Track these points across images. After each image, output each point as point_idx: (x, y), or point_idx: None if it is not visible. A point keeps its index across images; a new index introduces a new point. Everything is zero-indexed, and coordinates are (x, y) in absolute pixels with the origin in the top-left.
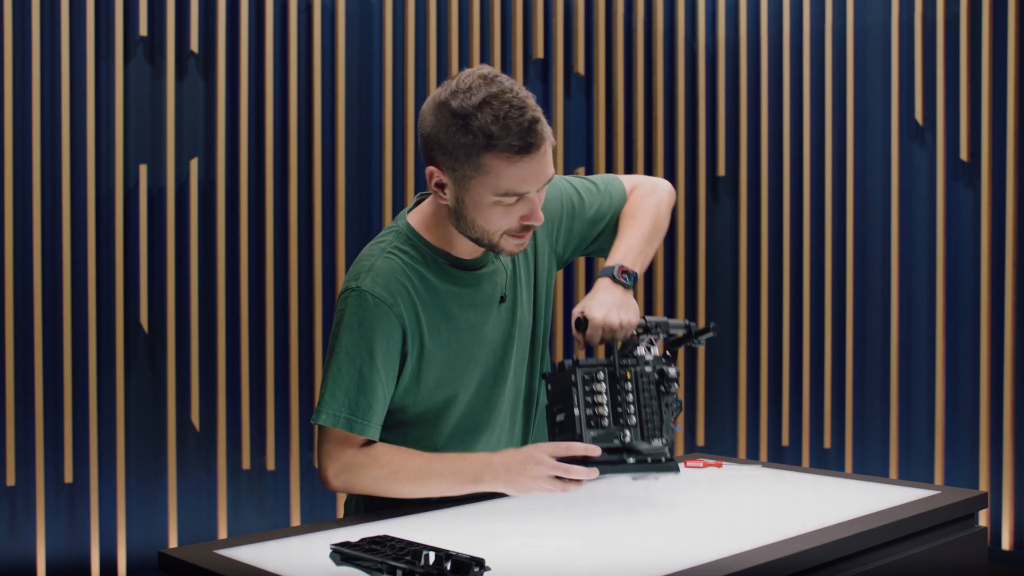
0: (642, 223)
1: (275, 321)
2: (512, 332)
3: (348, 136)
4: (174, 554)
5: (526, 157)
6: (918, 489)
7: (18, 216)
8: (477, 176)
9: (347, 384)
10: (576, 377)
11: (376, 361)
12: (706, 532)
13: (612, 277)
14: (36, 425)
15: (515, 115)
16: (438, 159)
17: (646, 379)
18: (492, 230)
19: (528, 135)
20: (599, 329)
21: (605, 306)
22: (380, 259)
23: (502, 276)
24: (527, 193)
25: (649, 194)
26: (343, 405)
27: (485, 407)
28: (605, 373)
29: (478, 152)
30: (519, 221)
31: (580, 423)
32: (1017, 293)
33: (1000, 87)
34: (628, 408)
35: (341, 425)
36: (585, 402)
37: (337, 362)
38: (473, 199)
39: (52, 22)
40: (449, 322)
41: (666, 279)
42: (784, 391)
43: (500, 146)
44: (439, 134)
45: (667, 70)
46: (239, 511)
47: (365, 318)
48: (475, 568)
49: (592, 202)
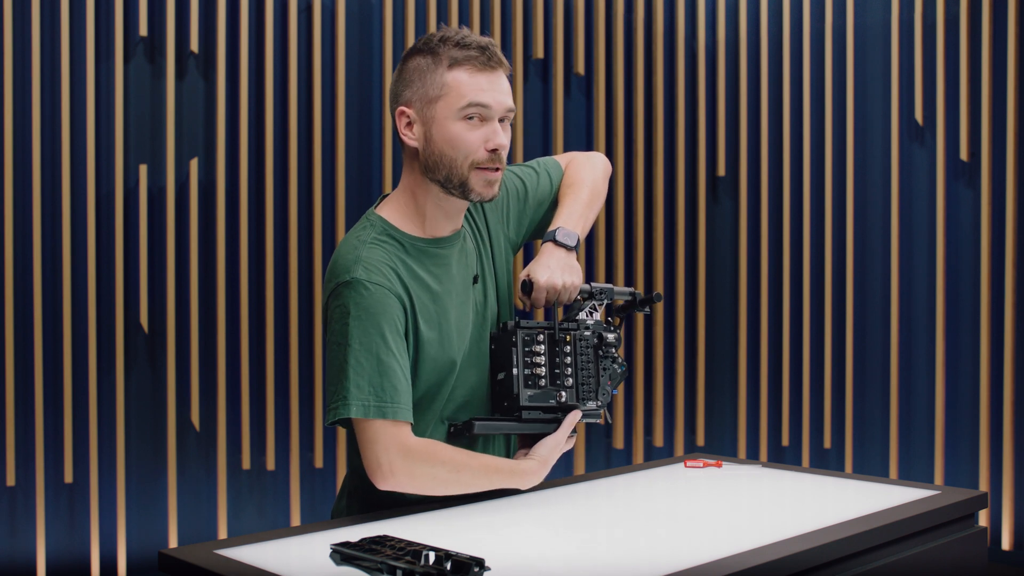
0: (579, 191)
1: (275, 321)
2: (486, 314)
3: (348, 136)
4: (174, 554)
5: (486, 70)
6: (918, 489)
7: (18, 216)
8: (442, 97)
9: (369, 372)
10: (517, 338)
11: (390, 345)
12: (706, 532)
13: (554, 240)
14: (36, 425)
15: (473, 39)
16: (405, 95)
17: (584, 343)
18: (460, 159)
19: (487, 52)
20: (543, 291)
21: (549, 269)
22: (364, 250)
23: (473, 258)
24: (489, 109)
25: (584, 164)
26: (369, 394)
27: (470, 389)
28: (545, 335)
29: (442, 73)
30: (484, 147)
31: (518, 382)
32: (1017, 293)
33: (1000, 87)
34: (566, 370)
35: (372, 414)
36: (524, 362)
37: (353, 353)
38: (439, 124)
39: (52, 22)
40: (436, 304)
41: (666, 279)
42: (784, 391)
43: (460, 59)
44: (406, 75)
45: (667, 70)
46: (239, 511)
47: (370, 305)
48: (475, 568)
49: (532, 184)
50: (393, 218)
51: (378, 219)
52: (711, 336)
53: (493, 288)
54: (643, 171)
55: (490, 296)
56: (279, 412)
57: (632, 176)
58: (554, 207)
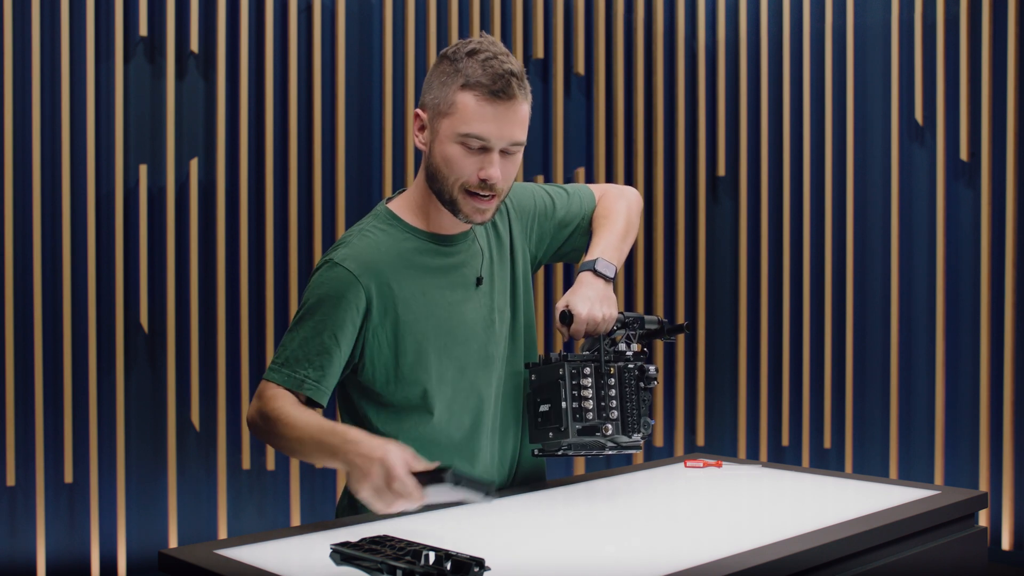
0: (615, 223)
1: (275, 321)
2: (492, 318)
3: (348, 136)
4: (174, 554)
5: (495, 101)
6: (918, 489)
7: (18, 216)
8: (448, 114)
9: (297, 342)
10: (564, 371)
11: (332, 325)
12: (706, 532)
13: (593, 271)
14: (36, 425)
15: (495, 63)
16: (425, 100)
17: (628, 374)
18: (452, 178)
19: (501, 81)
20: (583, 323)
21: (589, 300)
22: (356, 237)
23: (479, 260)
24: (488, 141)
25: (618, 198)
26: (284, 361)
27: (474, 392)
28: (591, 368)
29: (455, 90)
30: (477, 175)
31: (567, 416)
32: (1017, 293)
33: (1000, 87)
34: (611, 403)
35: (277, 379)
36: (572, 395)
37: (296, 323)
38: (440, 140)
39: (52, 22)
40: (426, 297)
41: (666, 279)
42: (784, 391)
43: (472, 83)
44: (432, 78)
45: (667, 70)
46: (239, 511)
47: (330, 284)
48: (475, 568)
49: (562, 205)
50: (401, 210)
51: (384, 210)
52: (711, 336)
53: (507, 294)
54: (643, 171)
55: (496, 300)
56: None
57: (632, 176)
58: (577, 233)
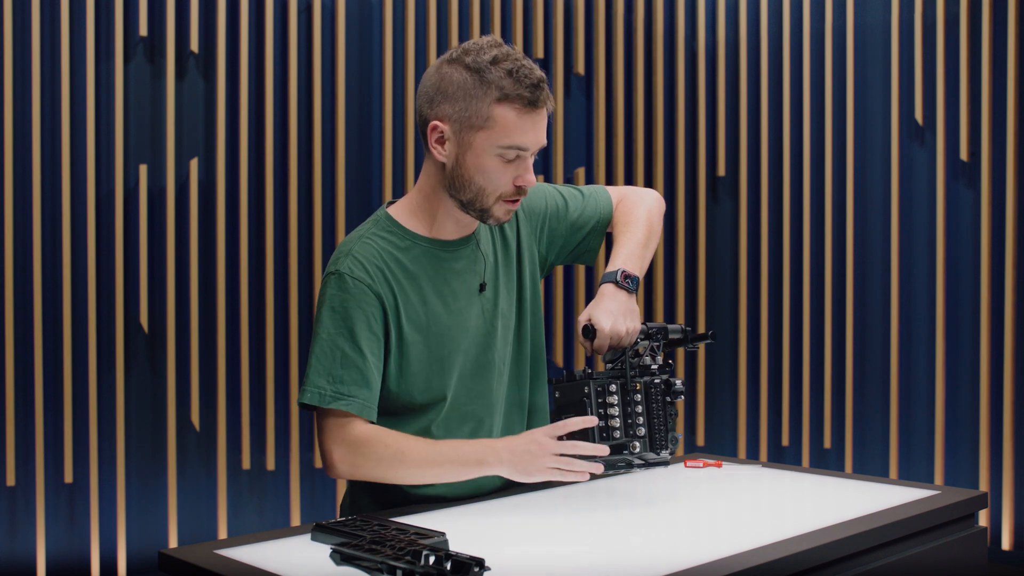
0: (637, 230)
1: (275, 321)
2: (494, 323)
3: (348, 136)
4: (174, 554)
5: (533, 111)
6: (918, 489)
7: (18, 216)
8: (484, 128)
9: (329, 363)
10: (590, 389)
11: (359, 340)
12: (706, 532)
13: (615, 282)
14: (36, 425)
15: (525, 71)
16: (444, 111)
17: (655, 389)
18: (490, 189)
19: (537, 90)
20: (607, 339)
21: (612, 314)
22: (358, 244)
23: (481, 265)
24: (526, 150)
25: (639, 202)
26: (327, 383)
27: (473, 399)
28: (617, 385)
29: (490, 104)
30: (513, 182)
31: (594, 436)
32: (1017, 293)
33: (1000, 87)
34: (637, 419)
35: (327, 403)
36: (598, 414)
37: (320, 343)
38: (475, 153)
39: (52, 22)
40: (427, 307)
41: (666, 279)
42: (784, 391)
43: (512, 97)
44: (448, 87)
45: (667, 70)
46: (239, 511)
47: (345, 299)
48: (475, 568)
49: (576, 207)
50: (401, 216)
51: (384, 215)
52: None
53: (513, 299)
54: (643, 171)
55: (502, 306)
56: (279, 412)
57: (632, 176)
58: (592, 235)
